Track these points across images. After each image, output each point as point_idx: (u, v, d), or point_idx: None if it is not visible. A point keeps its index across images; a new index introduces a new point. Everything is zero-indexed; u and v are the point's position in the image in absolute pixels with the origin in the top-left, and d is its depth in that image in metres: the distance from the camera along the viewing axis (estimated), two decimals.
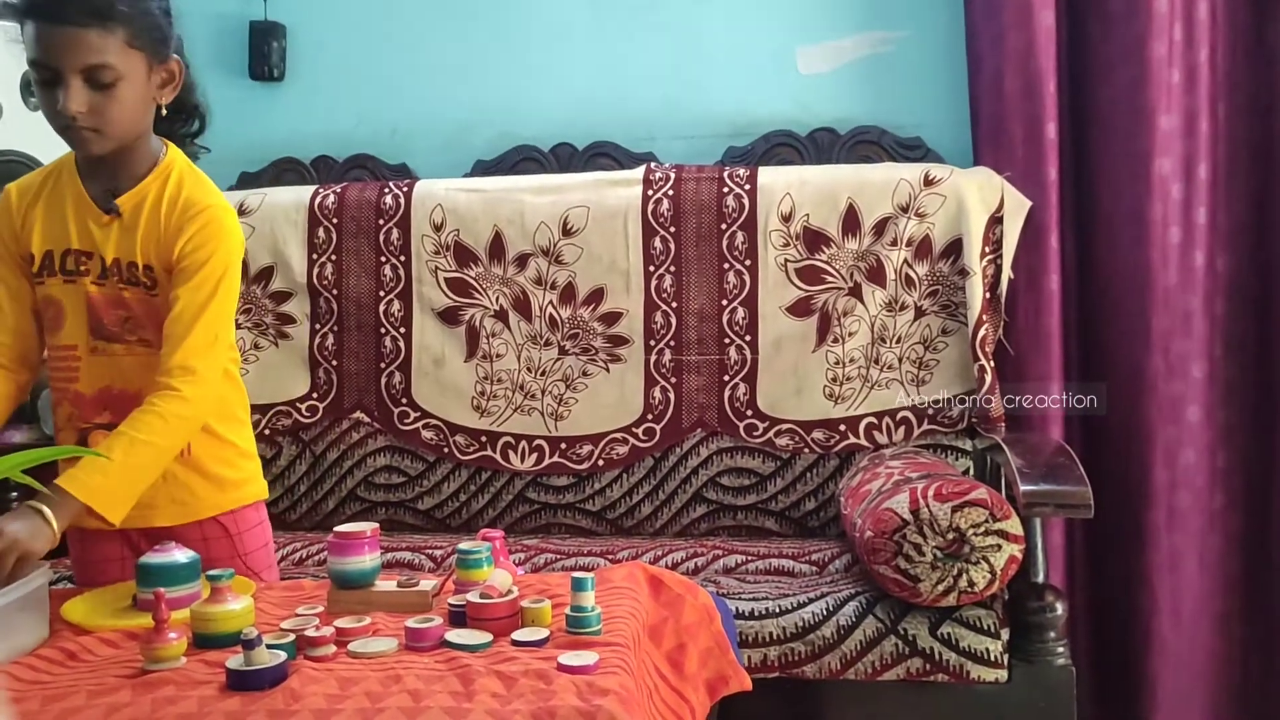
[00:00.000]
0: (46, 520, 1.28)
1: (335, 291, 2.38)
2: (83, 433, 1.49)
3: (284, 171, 2.58)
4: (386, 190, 2.40)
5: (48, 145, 2.50)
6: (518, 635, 1.20)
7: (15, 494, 2.05)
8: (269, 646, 1.11)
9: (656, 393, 2.27)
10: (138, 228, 1.46)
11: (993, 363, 2.13)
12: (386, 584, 1.37)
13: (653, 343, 2.27)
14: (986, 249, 2.16)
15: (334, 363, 2.38)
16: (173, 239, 1.45)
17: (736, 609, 1.73)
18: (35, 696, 1.07)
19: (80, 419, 1.49)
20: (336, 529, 1.40)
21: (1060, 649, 1.72)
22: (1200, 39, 2.13)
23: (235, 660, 1.09)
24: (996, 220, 2.17)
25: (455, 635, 1.20)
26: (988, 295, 2.15)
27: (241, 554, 1.55)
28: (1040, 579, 1.75)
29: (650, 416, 2.27)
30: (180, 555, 1.36)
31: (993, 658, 1.70)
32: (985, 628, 1.71)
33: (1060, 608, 1.73)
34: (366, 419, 2.37)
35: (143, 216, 1.46)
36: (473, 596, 1.26)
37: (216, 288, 1.44)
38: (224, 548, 1.53)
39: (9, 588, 1.19)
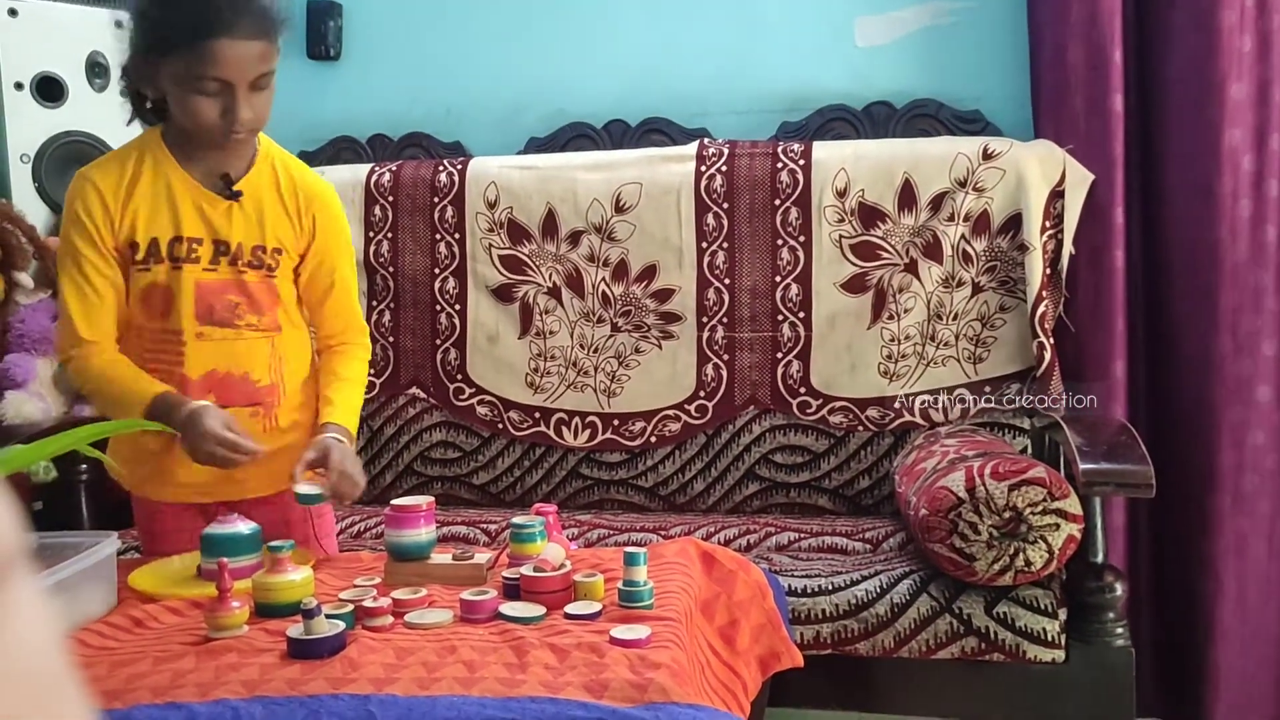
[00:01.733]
0: (351, 442, 1.54)
1: (391, 269, 2.40)
2: None
3: (341, 150, 2.61)
4: (441, 168, 2.41)
5: (111, 126, 2.55)
6: (571, 609, 1.22)
7: (83, 465, 2.10)
8: (328, 616, 1.13)
9: (709, 370, 2.26)
10: (261, 211, 1.53)
11: (1052, 340, 2.09)
12: (442, 557, 1.39)
13: (705, 319, 2.27)
14: (1047, 224, 2.12)
15: (391, 339, 2.40)
16: (310, 227, 1.57)
17: (789, 586, 1.73)
18: (104, 662, 1.10)
19: None
20: (393, 502, 1.42)
21: (1119, 630, 1.70)
22: (1273, 4, 2.06)
23: (295, 629, 1.12)
24: (1058, 194, 2.12)
25: (509, 608, 1.22)
26: (1048, 271, 2.11)
27: (314, 519, 1.61)
28: (1099, 559, 1.73)
29: (703, 393, 2.26)
30: (242, 527, 1.39)
31: (1049, 638, 1.67)
32: (1042, 607, 1.68)
33: (1120, 588, 1.70)
34: (423, 395, 2.39)
35: (267, 202, 1.53)
36: (526, 570, 1.27)
37: (352, 259, 1.67)
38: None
39: (78, 557, 1.23)
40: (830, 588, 1.75)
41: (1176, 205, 2.15)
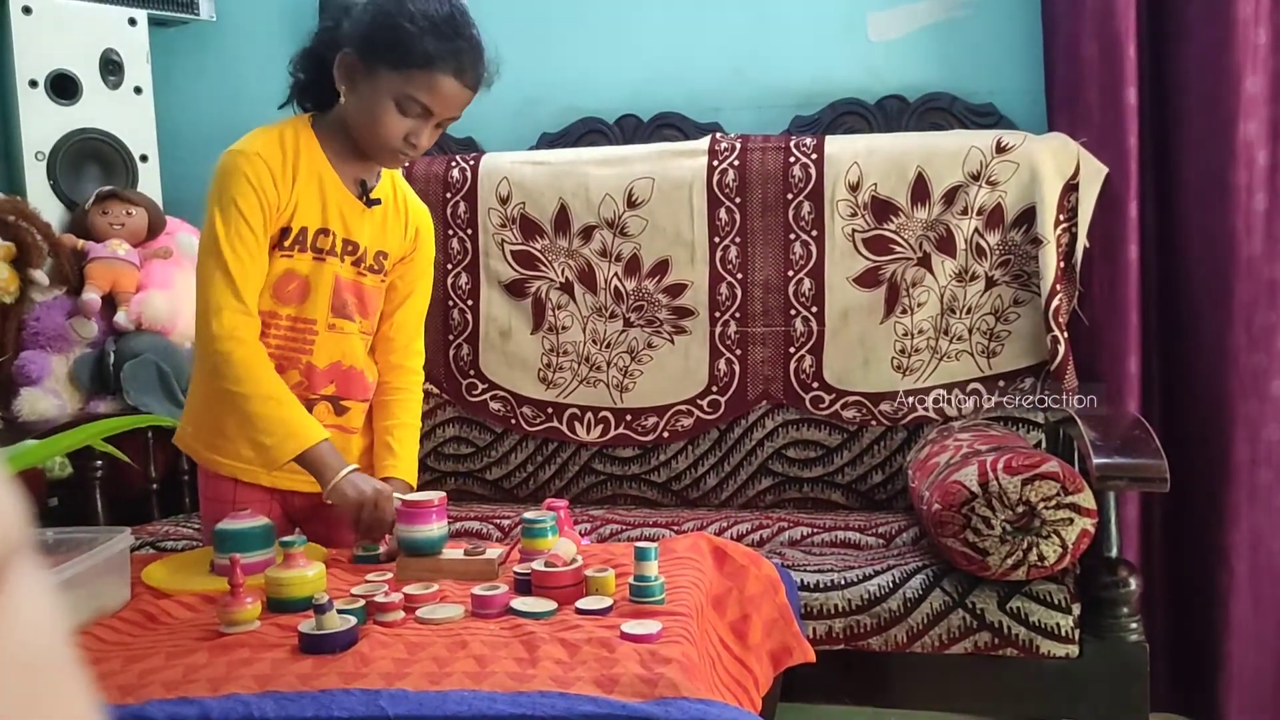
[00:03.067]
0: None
1: None
2: (310, 403, 1.57)
3: None
4: (454, 164, 2.41)
5: (125, 123, 2.56)
6: (582, 604, 1.22)
7: (98, 461, 2.11)
8: (340, 611, 1.14)
9: (721, 364, 2.26)
10: (386, 220, 1.61)
11: (1066, 334, 2.08)
12: (454, 552, 1.40)
13: (718, 314, 2.27)
14: (1061, 217, 2.11)
15: None
16: (413, 238, 1.65)
17: (801, 581, 1.73)
18: (117, 657, 1.10)
19: (309, 389, 1.57)
20: (405, 498, 1.43)
21: (1134, 625, 1.69)
22: None
23: (307, 624, 1.12)
24: (1071, 187, 2.11)
25: (520, 603, 1.22)
26: (1062, 264, 2.10)
27: None
28: (1114, 554, 1.72)
29: (715, 388, 2.26)
30: (255, 522, 1.40)
31: (1063, 633, 1.67)
32: (1056, 602, 1.68)
33: (1134, 583, 1.69)
34: (436, 390, 2.40)
35: (389, 212, 1.61)
36: (538, 565, 1.27)
37: (430, 282, 1.72)
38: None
39: (92, 552, 1.23)
40: (843, 583, 1.75)
41: (1191, 199, 2.14)
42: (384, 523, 1.48)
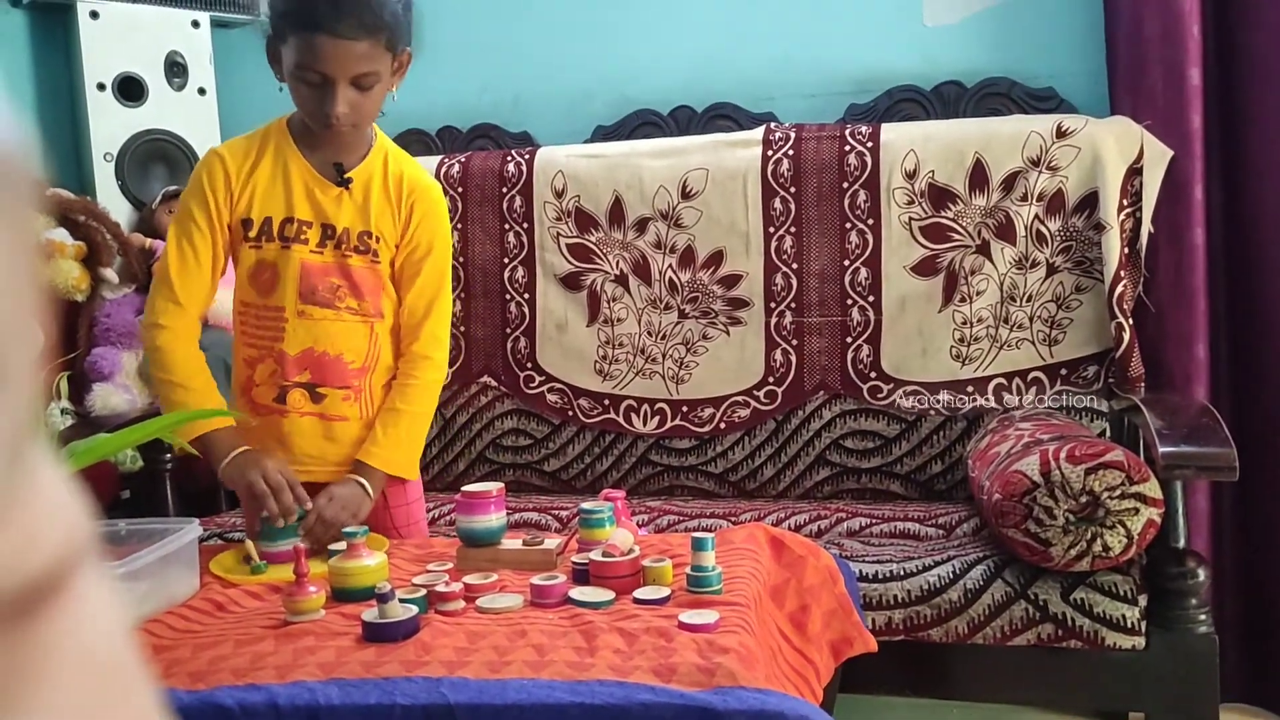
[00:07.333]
0: (367, 492, 1.53)
1: (462, 259, 2.43)
2: (283, 390, 1.58)
3: (411, 142, 2.64)
4: (509, 158, 2.43)
5: (190, 123, 2.62)
6: (639, 593, 1.22)
7: (168, 454, 2.16)
8: (402, 601, 1.16)
9: (778, 355, 2.25)
10: (369, 201, 1.58)
11: (1131, 320, 2.04)
12: (513, 542, 1.41)
13: (773, 305, 2.26)
14: (1124, 202, 2.06)
15: (462, 329, 2.43)
16: (407, 215, 1.59)
17: (860, 571, 1.72)
18: (187, 644, 1.13)
19: (281, 377, 1.58)
20: (464, 489, 1.44)
21: (1202, 616, 1.66)
22: None
23: (370, 613, 1.14)
24: (1135, 171, 2.07)
25: (579, 592, 1.23)
26: (1126, 250, 2.06)
27: (391, 507, 1.65)
28: (1181, 544, 1.68)
29: (771, 379, 2.25)
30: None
31: (1129, 624, 1.64)
32: (1122, 593, 1.65)
33: (1203, 574, 1.66)
34: (494, 383, 2.42)
35: (374, 191, 1.58)
36: (595, 555, 1.28)
37: (448, 261, 1.65)
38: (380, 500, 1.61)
39: (163, 542, 1.27)
40: (903, 573, 1.73)
41: (1259, 182, 2.09)
42: (270, 504, 1.45)
